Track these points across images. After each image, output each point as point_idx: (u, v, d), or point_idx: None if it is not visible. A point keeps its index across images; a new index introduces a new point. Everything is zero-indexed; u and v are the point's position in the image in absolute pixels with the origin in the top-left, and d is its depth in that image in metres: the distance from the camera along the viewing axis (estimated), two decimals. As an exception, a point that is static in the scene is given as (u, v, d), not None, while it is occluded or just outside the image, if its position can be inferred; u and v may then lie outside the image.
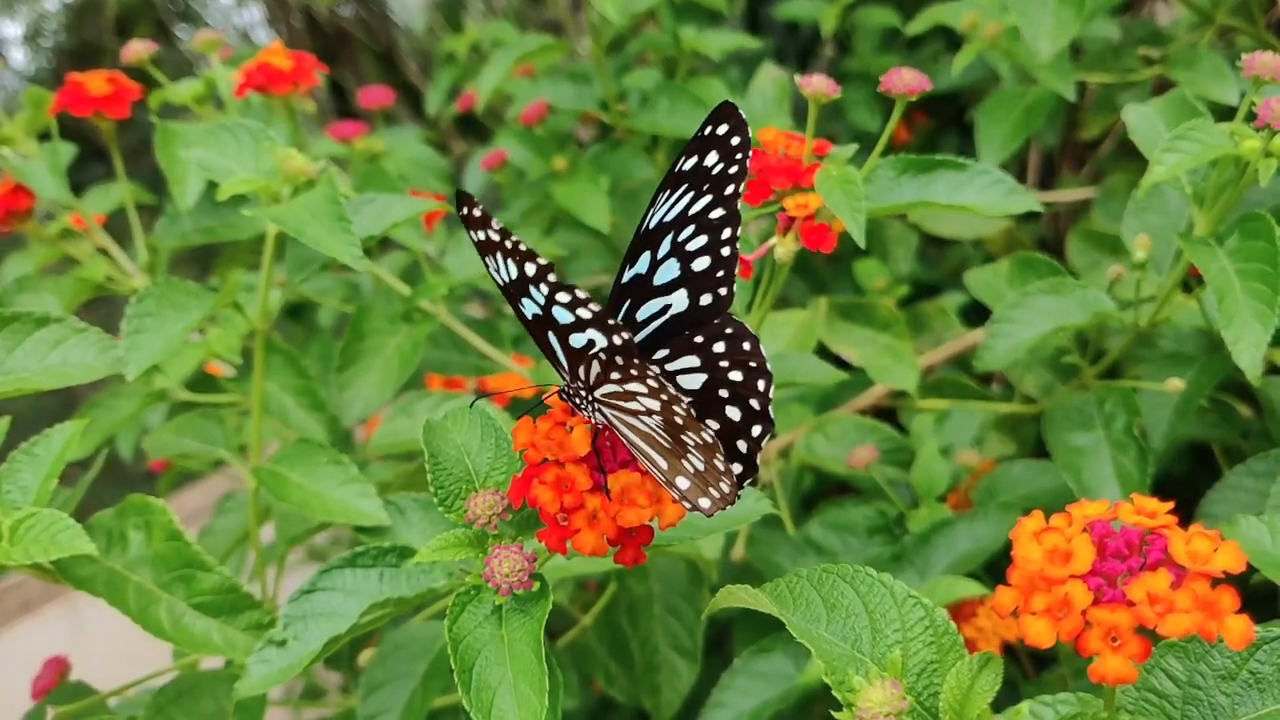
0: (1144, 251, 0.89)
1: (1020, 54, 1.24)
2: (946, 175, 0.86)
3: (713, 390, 0.60)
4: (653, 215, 0.61)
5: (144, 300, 0.79)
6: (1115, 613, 0.44)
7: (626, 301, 0.62)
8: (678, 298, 0.61)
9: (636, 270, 0.62)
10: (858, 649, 0.54)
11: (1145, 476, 0.92)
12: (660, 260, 0.61)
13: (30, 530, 0.69)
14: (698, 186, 0.61)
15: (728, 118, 0.61)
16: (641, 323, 0.62)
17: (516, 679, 0.57)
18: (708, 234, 0.61)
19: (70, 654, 0.96)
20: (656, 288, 0.62)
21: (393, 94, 1.55)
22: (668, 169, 0.61)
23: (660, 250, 0.61)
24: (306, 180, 0.81)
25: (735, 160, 0.61)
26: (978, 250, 1.66)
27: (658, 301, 0.62)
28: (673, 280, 0.61)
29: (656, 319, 0.62)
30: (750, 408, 0.59)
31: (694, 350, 0.61)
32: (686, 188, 0.61)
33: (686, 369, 0.61)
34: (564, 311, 0.54)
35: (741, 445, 0.59)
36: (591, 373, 0.56)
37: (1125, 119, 0.93)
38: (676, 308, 0.62)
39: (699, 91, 1.38)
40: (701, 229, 0.61)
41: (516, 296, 0.56)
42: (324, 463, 0.85)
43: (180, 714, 0.79)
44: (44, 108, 1.06)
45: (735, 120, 0.61)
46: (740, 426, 0.59)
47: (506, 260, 0.54)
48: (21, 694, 0.95)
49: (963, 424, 1.15)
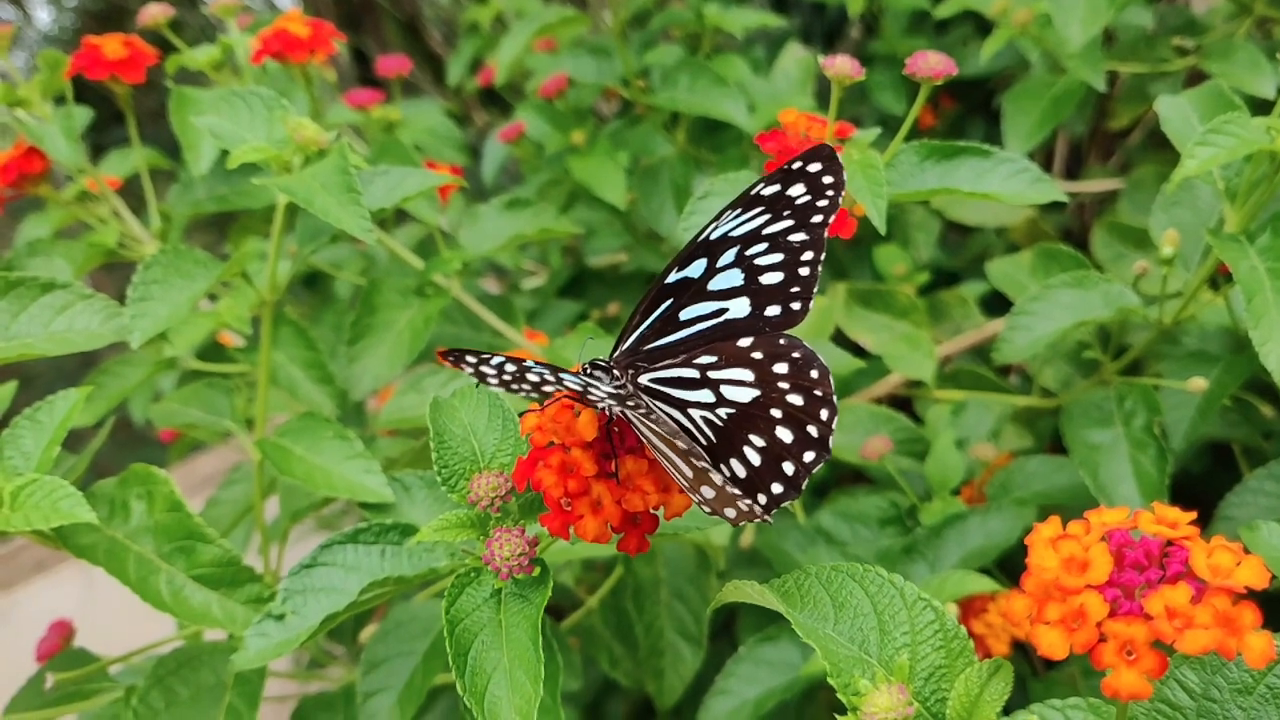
0: (1172, 247, 0.87)
1: (1051, 41, 1.21)
2: (970, 162, 0.85)
3: (764, 407, 0.59)
4: (716, 228, 0.62)
5: (151, 268, 0.78)
6: (1132, 626, 0.43)
7: (668, 300, 0.63)
8: (738, 305, 0.62)
9: (687, 273, 0.62)
10: (865, 650, 0.52)
11: (1164, 477, 0.90)
12: (719, 268, 0.62)
13: (31, 497, 0.68)
14: (776, 211, 0.62)
15: (823, 159, 0.62)
16: (684, 322, 0.62)
17: (512, 665, 0.56)
18: (784, 254, 0.62)
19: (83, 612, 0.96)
20: (712, 292, 0.62)
21: (410, 63, 1.53)
22: (743, 192, 0.62)
23: (721, 259, 0.62)
24: (318, 150, 0.79)
25: (825, 195, 0.61)
26: (1000, 238, 1.64)
27: (710, 305, 0.62)
28: (734, 288, 0.62)
29: (705, 320, 0.62)
30: (807, 434, 0.58)
31: (750, 364, 0.60)
32: (762, 210, 0.62)
33: (737, 380, 0.60)
34: None
35: (788, 467, 0.58)
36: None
37: (1158, 110, 0.90)
38: (734, 313, 0.62)
39: (721, 69, 1.36)
40: (776, 248, 0.62)
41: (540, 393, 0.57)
42: (329, 437, 0.84)
43: (180, 685, 0.78)
44: (60, 70, 1.05)
45: (831, 164, 0.61)
46: (791, 449, 0.58)
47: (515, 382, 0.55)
48: (36, 651, 0.95)
49: (979, 416, 1.14)
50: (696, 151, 1.49)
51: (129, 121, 1.07)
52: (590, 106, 1.58)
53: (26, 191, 1.05)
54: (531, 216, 1.14)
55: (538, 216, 1.13)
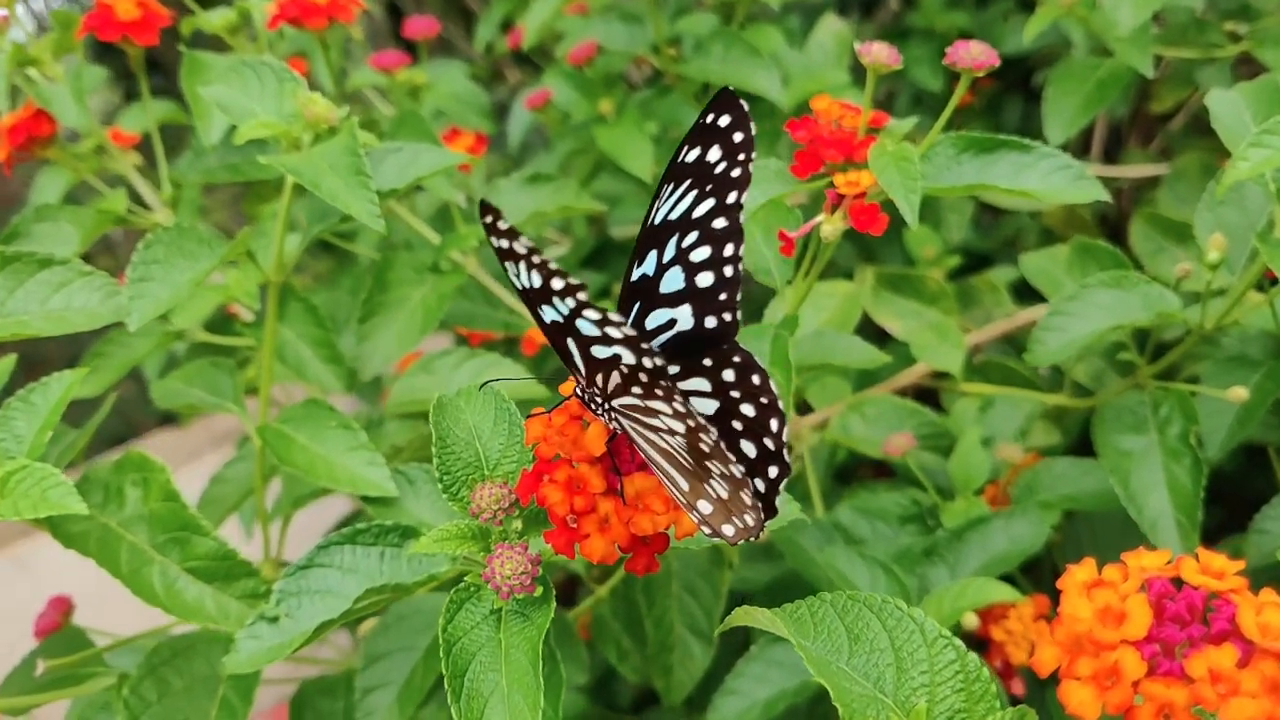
0: (1218, 252, 0.83)
1: (1097, 23, 1.16)
2: (1009, 156, 0.80)
3: (726, 420, 0.54)
4: (657, 210, 0.54)
5: (152, 247, 0.75)
6: (1171, 689, 0.40)
7: (637, 303, 0.55)
8: (682, 314, 0.55)
9: (644, 270, 0.55)
10: (880, 689, 0.49)
11: (1198, 489, 0.87)
12: (666, 265, 0.55)
13: (21, 484, 0.66)
14: (700, 185, 0.54)
15: (729, 108, 0.53)
16: (652, 331, 0.56)
17: (510, 689, 0.53)
18: (711, 245, 0.54)
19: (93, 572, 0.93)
20: (662, 297, 0.55)
21: (439, 25, 1.49)
22: (672, 157, 0.54)
23: (666, 253, 0.55)
24: (328, 128, 0.76)
25: (738, 162, 0.53)
26: (1035, 221, 1.59)
27: (664, 313, 0.55)
28: (677, 292, 0.55)
29: (662, 332, 0.55)
30: (764, 446, 0.53)
31: (703, 373, 0.54)
32: (690, 184, 0.54)
33: (698, 391, 0.54)
34: (590, 326, 0.48)
35: (759, 484, 0.53)
36: (610, 383, 0.51)
37: (1208, 105, 0.86)
38: (682, 324, 0.55)
39: (755, 40, 1.32)
40: (705, 238, 0.54)
41: (536, 303, 0.50)
42: (332, 426, 0.81)
43: (173, 675, 0.76)
44: (72, 29, 1.02)
45: (738, 113, 0.53)
46: (757, 465, 0.54)
47: (530, 271, 0.48)
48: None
49: (1007, 414, 1.10)
50: (727, 124, 1.44)
51: (142, 83, 1.04)
52: (620, 73, 1.54)
53: (35, 155, 1.02)
54: (553, 192, 1.10)
55: (559, 193, 1.10)
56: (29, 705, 0.78)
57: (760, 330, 0.83)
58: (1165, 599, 0.43)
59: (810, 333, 0.96)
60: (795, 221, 0.86)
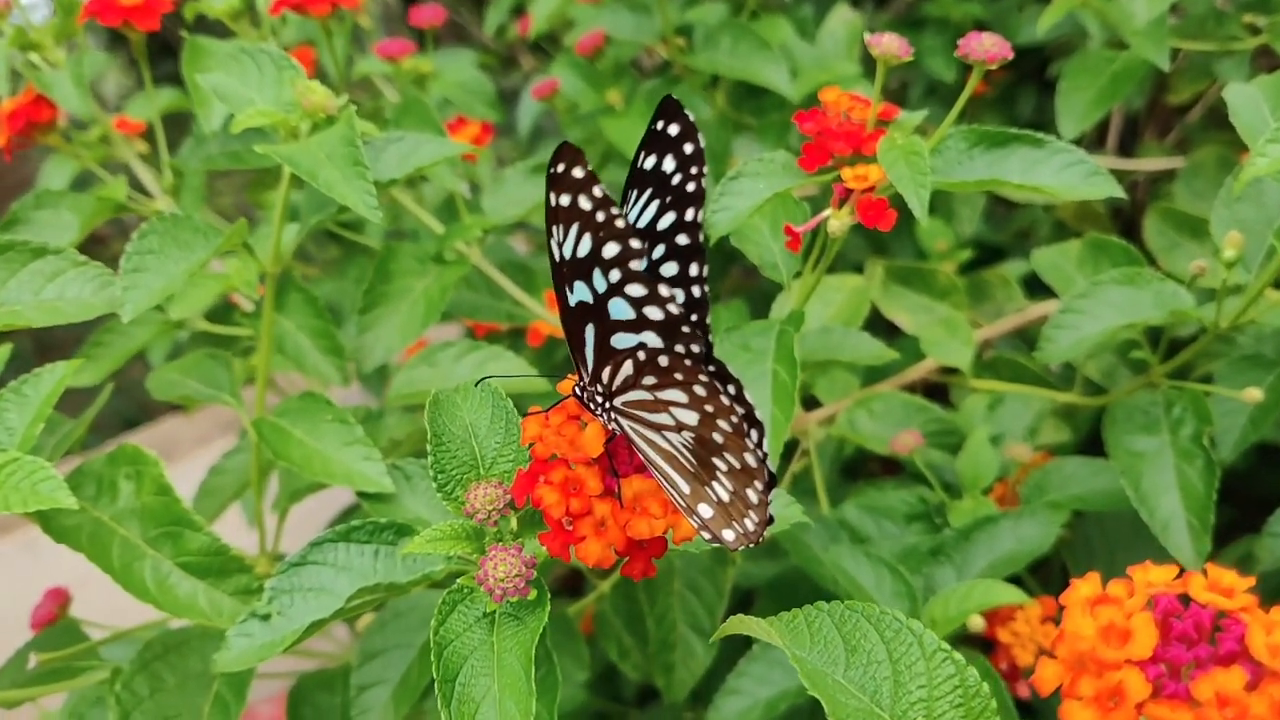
0: (1235, 250, 0.81)
1: (1113, 14, 1.14)
2: (1022, 151, 0.79)
3: (709, 429, 0.51)
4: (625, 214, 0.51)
5: (146, 237, 0.74)
6: (1176, 712, 0.39)
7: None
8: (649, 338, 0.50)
9: None
10: (877, 703, 0.48)
11: (1211, 491, 0.85)
12: None
13: (11, 477, 0.65)
14: (661, 197, 0.51)
15: (676, 118, 0.51)
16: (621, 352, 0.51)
17: (503, 694, 0.52)
18: (677, 261, 0.52)
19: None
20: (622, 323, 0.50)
21: (445, 13, 1.48)
22: (631, 162, 0.51)
23: None
24: (326, 117, 0.75)
25: (691, 175, 0.51)
26: (1048, 214, 1.57)
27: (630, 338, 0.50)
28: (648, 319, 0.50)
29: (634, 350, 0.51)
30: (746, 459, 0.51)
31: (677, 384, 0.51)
32: (651, 193, 0.51)
33: (677, 402, 0.51)
34: (626, 307, 0.46)
35: (751, 494, 0.51)
36: (619, 376, 0.49)
37: (1226, 98, 0.84)
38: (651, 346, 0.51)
39: (764, 31, 1.30)
40: (670, 253, 0.52)
41: (569, 278, 0.47)
42: (328, 420, 0.80)
43: (166, 671, 0.75)
44: (74, 14, 1.01)
45: (685, 124, 0.51)
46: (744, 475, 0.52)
47: (584, 234, 0.45)
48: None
49: (1017, 412, 1.08)
50: (736, 115, 1.43)
51: (144, 69, 1.02)
52: (628, 63, 1.52)
53: (36, 141, 1.01)
54: (558, 183, 1.09)
55: (565, 183, 1.08)
56: (22, 699, 0.77)
57: (765, 326, 0.82)
58: (1172, 617, 0.41)
59: (817, 328, 0.94)
60: (803, 215, 0.84)
